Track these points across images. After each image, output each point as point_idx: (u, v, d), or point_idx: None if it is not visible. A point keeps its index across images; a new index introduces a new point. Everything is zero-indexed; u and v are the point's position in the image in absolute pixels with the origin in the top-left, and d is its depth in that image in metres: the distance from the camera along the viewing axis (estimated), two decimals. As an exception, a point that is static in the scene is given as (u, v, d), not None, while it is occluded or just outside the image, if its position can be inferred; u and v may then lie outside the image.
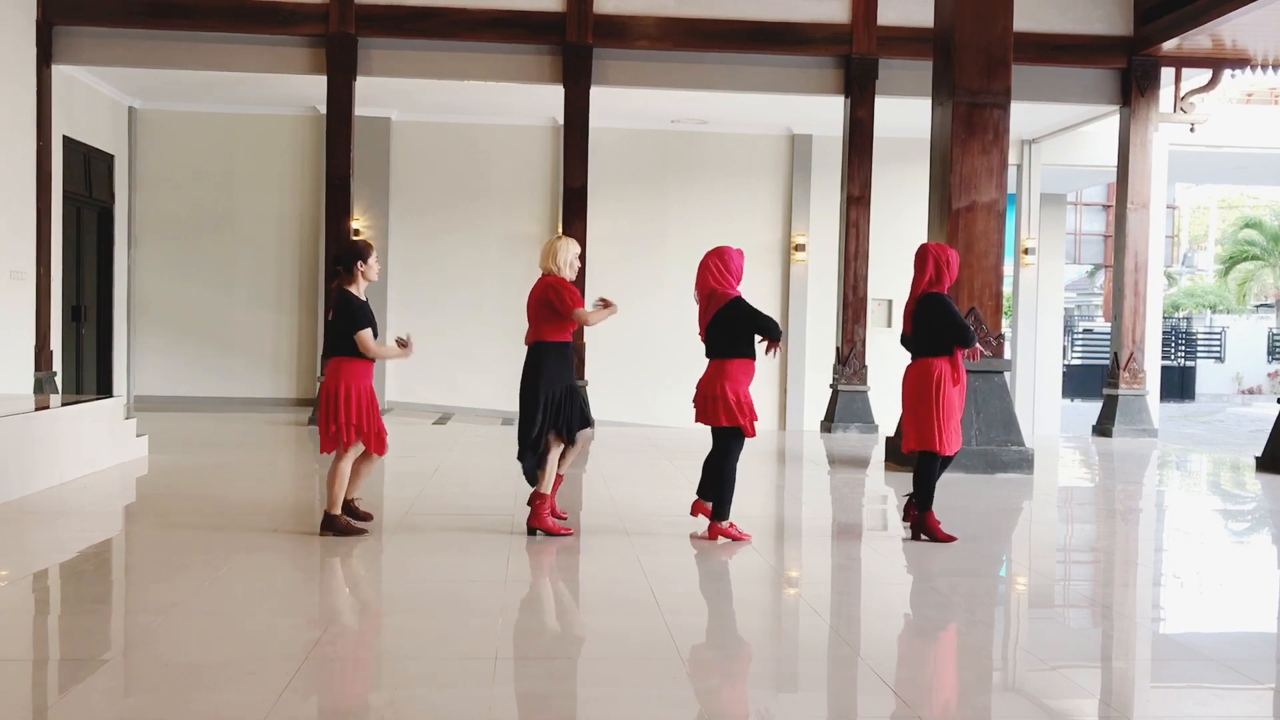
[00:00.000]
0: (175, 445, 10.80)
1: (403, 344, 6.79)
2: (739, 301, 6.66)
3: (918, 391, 6.89)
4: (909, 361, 7.04)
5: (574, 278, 6.86)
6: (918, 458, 6.94)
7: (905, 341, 7.12)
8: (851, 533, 7.45)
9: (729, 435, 6.71)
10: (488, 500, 7.94)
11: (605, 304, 6.93)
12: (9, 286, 11.92)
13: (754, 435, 6.74)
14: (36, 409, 8.49)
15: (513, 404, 7.36)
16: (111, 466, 9.13)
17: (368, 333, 6.60)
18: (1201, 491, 10.71)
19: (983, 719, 3.87)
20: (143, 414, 12.45)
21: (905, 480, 9.55)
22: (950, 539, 6.84)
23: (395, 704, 3.92)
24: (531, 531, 6.82)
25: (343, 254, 6.81)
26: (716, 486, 6.76)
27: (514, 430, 7.06)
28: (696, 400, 6.75)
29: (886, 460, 10.59)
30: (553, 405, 6.74)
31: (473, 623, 4.96)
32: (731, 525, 6.78)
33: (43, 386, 12.38)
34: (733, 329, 6.64)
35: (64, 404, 9.15)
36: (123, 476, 8.87)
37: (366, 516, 7.01)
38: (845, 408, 13.55)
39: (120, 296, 15.38)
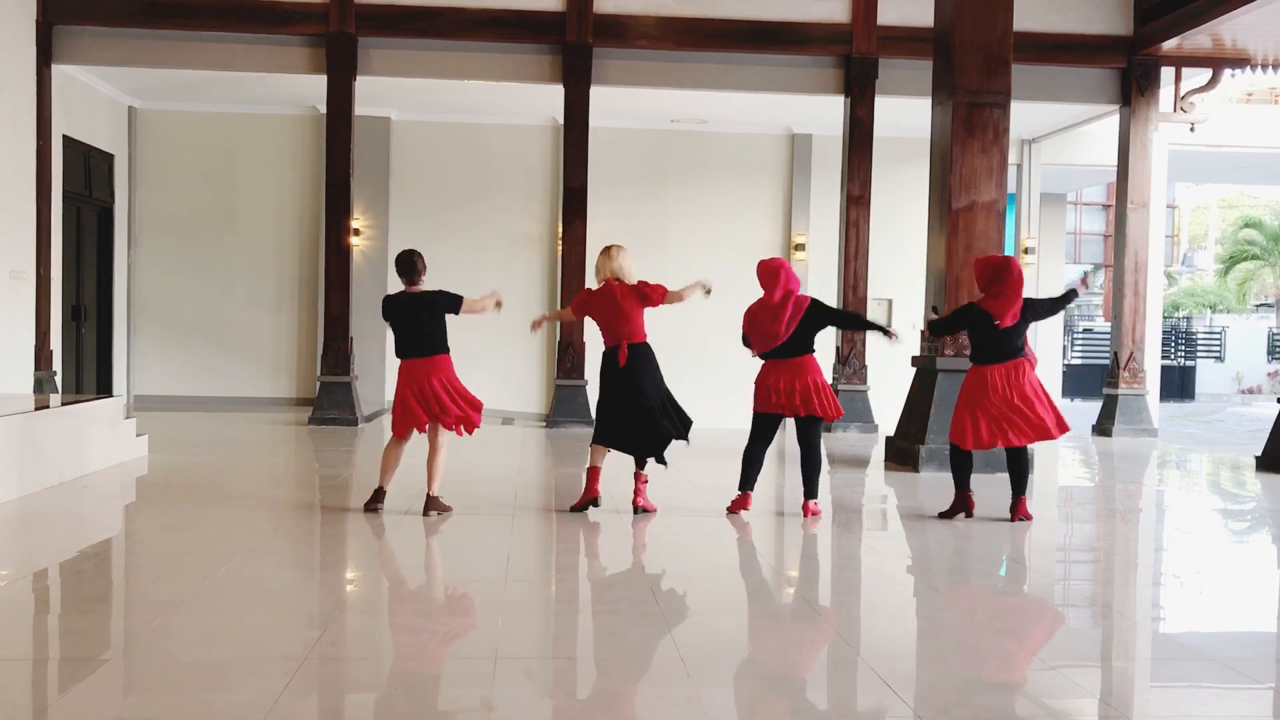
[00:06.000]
0: (175, 445, 10.80)
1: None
2: (816, 302, 7.34)
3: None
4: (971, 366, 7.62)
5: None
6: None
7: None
8: (852, 532, 7.45)
9: (819, 423, 7.39)
10: (489, 500, 7.94)
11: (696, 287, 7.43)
12: (9, 286, 11.92)
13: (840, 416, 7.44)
14: (36, 409, 8.48)
15: (513, 404, 7.44)
16: (111, 466, 9.13)
17: (465, 297, 7.49)
18: (1201, 491, 10.71)
19: (982, 719, 3.87)
20: (143, 414, 12.46)
21: (905, 479, 9.58)
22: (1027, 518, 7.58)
23: (395, 704, 3.92)
24: (637, 511, 7.44)
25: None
26: (809, 469, 7.47)
27: (515, 430, 7.18)
28: (797, 396, 7.23)
29: (886, 460, 10.60)
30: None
31: (472, 622, 4.96)
32: (815, 502, 7.56)
33: (43, 386, 12.39)
34: (814, 327, 7.29)
35: (64, 404, 9.15)
36: (123, 476, 8.87)
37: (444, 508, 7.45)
38: (845, 407, 13.42)
39: (120, 296, 15.38)
